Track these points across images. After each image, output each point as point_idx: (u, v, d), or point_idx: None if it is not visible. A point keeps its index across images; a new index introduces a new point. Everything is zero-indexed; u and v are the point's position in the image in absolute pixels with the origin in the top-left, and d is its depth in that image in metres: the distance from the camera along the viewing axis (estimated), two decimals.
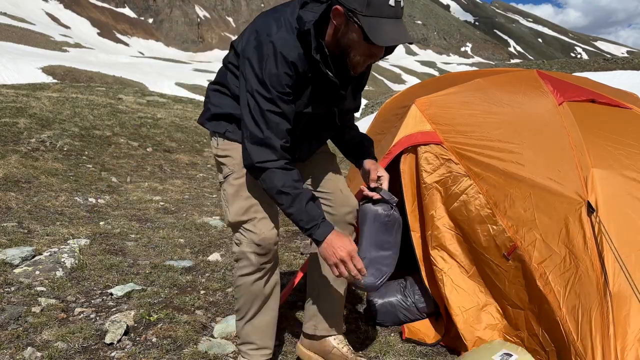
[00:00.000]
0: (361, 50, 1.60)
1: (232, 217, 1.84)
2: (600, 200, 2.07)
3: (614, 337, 1.87)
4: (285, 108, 1.68)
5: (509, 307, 2.31)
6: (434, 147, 2.57)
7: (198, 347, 2.34)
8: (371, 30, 1.51)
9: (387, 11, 1.51)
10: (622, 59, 54.10)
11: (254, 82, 1.65)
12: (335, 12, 1.57)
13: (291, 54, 1.63)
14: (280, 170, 1.68)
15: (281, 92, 1.65)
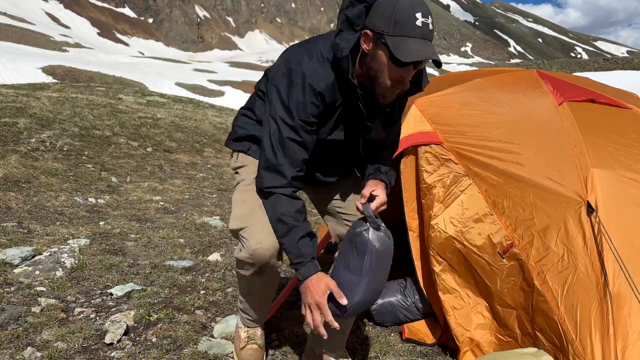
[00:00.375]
0: (389, 73, 1.59)
1: (231, 223, 1.83)
2: (600, 201, 2.07)
3: (614, 337, 1.87)
4: (305, 137, 1.69)
5: (498, 306, 2.31)
6: (434, 148, 2.57)
7: (198, 347, 2.34)
8: (396, 48, 1.51)
9: (413, 31, 1.51)
10: (622, 59, 54.09)
11: (279, 107, 1.67)
12: (365, 36, 1.59)
13: (320, 84, 1.65)
14: (286, 198, 1.69)
15: (305, 120, 1.66)
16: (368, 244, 1.67)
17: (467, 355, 2.34)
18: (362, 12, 1.60)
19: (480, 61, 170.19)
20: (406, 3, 1.53)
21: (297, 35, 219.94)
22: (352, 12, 1.60)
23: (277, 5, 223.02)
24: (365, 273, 1.67)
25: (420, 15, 1.51)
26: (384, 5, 1.55)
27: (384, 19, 1.53)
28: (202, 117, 11.75)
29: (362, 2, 1.60)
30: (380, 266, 1.71)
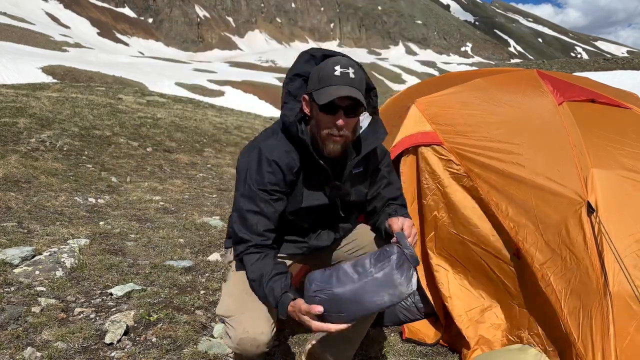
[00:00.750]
0: (321, 122, 1.71)
1: (218, 308, 1.82)
2: (600, 201, 2.07)
3: (614, 337, 1.87)
4: (265, 208, 1.76)
5: (516, 306, 2.31)
6: (434, 148, 2.57)
7: (198, 347, 2.34)
8: (319, 95, 1.66)
9: (335, 80, 1.65)
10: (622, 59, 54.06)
11: (241, 184, 1.80)
12: (304, 101, 1.76)
13: (273, 153, 1.76)
14: (253, 254, 1.75)
15: (264, 190, 1.76)
16: (391, 256, 1.59)
17: (476, 352, 2.35)
18: (301, 85, 1.81)
19: (480, 61, 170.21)
20: (329, 62, 1.70)
21: (297, 35, 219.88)
22: (292, 86, 1.81)
23: (277, 5, 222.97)
24: (368, 276, 1.56)
25: (339, 67, 1.67)
26: (315, 71, 1.73)
27: (313, 80, 1.72)
28: (202, 117, 11.75)
29: (301, 76, 1.80)
30: (385, 283, 1.57)
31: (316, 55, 1.81)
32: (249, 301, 1.75)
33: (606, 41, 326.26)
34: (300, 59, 1.82)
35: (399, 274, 1.57)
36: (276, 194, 1.77)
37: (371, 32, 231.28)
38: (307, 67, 1.79)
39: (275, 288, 1.67)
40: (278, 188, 1.77)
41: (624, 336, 1.90)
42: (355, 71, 1.68)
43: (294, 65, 1.83)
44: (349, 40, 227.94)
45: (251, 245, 1.75)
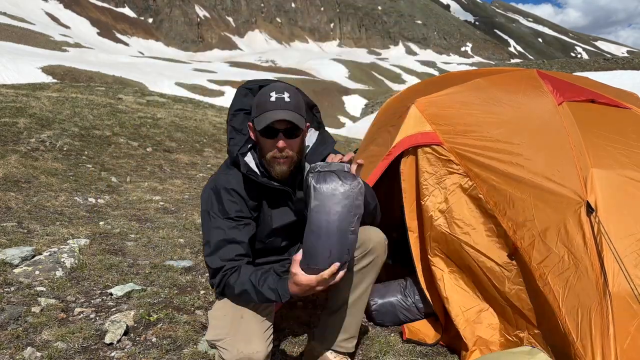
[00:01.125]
0: (265, 147, 1.80)
1: (209, 333, 1.82)
2: (600, 201, 2.07)
3: (614, 337, 1.87)
4: (234, 235, 1.81)
5: (507, 307, 2.31)
6: (434, 148, 2.57)
7: (198, 347, 2.34)
8: (257, 122, 1.76)
9: (270, 106, 1.74)
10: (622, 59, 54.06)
11: (207, 220, 1.85)
12: (250, 129, 1.87)
13: (230, 183, 1.85)
14: (232, 276, 1.79)
15: (231, 217, 1.82)
16: (311, 185, 1.65)
17: (475, 353, 2.35)
18: (244, 119, 1.92)
19: (480, 61, 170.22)
20: (266, 90, 1.79)
21: (297, 35, 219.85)
22: (235, 121, 1.91)
23: (277, 5, 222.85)
24: (312, 216, 1.64)
25: (274, 93, 1.76)
26: (254, 100, 1.83)
27: (254, 107, 1.81)
28: (202, 117, 11.75)
29: (243, 110, 1.92)
30: (328, 209, 1.62)
31: (252, 88, 1.93)
32: (238, 323, 1.77)
33: (606, 41, 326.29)
34: (239, 95, 1.94)
35: (326, 186, 1.62)
36: (242, 219, 1.84)
37: (371, 32, 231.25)
38: (247, 100, 1.91)
39: (270, 282, 1.73)
40: (243, 214, 1.85)
41: (624, 336, 1.90)
42: (290, 95, 1.77)
43: (234, 101, 1.95)
44: (349, 40, 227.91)
45: (226, 269, 1.80)
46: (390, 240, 2.22)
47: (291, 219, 1.96)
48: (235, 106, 1.94)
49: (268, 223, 1.92)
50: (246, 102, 1.92)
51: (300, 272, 1.65)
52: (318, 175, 1.65)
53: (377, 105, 39.99)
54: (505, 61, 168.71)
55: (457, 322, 2.42)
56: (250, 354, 1.70)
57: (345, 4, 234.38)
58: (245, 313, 1.81)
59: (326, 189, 1.63)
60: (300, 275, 1.65)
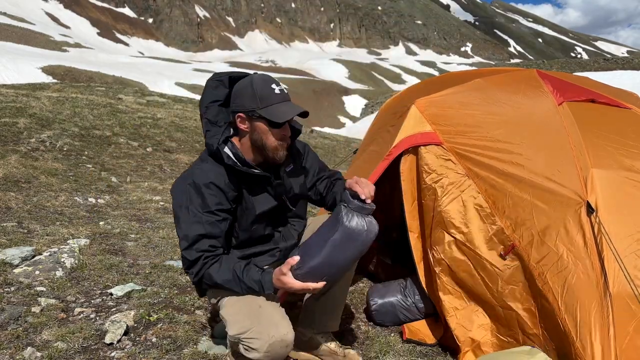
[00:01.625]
0: (272, 135, 1.89)
1: (231, 329, 1.84)
2: (600, 201, 2.07)
3: (614, 337, 1.87)
4: (211, 229, 1.85)
5: (499, 307, 2.31)
6: (434, 148, 2.57)
7: (198, 347, 2.34)
8: (271, 115, 1.84)
9: (276, 98, 1.86)
10: (622, 59, 54.07)
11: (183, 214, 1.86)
12: (239, 119, 1.89)
13: (209, 177, 1.87)
14: (212, 266, 1.84)
15: (208, 212, 1.85)
16: (340, 220, 1.76)
17: (467, 355, 2.35)
18: (219, 111, 1.95)
19: (480, 61, 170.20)
20: (259, 81, 1.88)
21: (297, 35, 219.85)
22: (210, 113, 1.95)
23: (277, 5, 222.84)
24: (328, 244, 1.74)
25: (274, 85, 1.88)
26: (243, 90, 1.88)
27: (249, 98, 1.86)
28: None
29: (216, 101, 1.95)
30: (345, 245, 1.76)
31: (222, 79, 1.97)
32: (258, 312, 1.81)
33: (606, 41, 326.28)
34: (210, 87, 1.97)
35: (354, 226, 1.74)
36: (221, 213, 1.88)
37: (371, 32, 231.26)
38: (218, 92, 1.96)
39: (253, 274, 1.80)
40: (222, 207, 1.88)
41: (623, 336, 1.90)
42: (283, 86, 1.91)
43: (206, 94, 1.98)
44: (348, 40, 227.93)
45: (204, 258, 1.84)
46: (390, 240, 2.23)
47: (272, 204, 2.00)
48: (207, 99, 1.97)
49: (251, 210, 1.96)
50: (218, 93, 1.96)
51: (289, 275, 1.74)
52: (350, 214, 1.77)
53: (377, 105, 40.00)
54: (505, 61, 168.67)
55: (451, 322, 2.42)
56: (282, 335, 1.76)
57: (345, 4, 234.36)
58: (262, 302, 1.84)
59: (352, 230, 1.75)
60: (288, 278, 1.74)
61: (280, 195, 2.03)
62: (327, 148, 12.00)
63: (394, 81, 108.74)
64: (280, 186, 2.03)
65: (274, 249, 2.08)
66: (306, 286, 1.74)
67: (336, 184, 2.19)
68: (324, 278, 1.77)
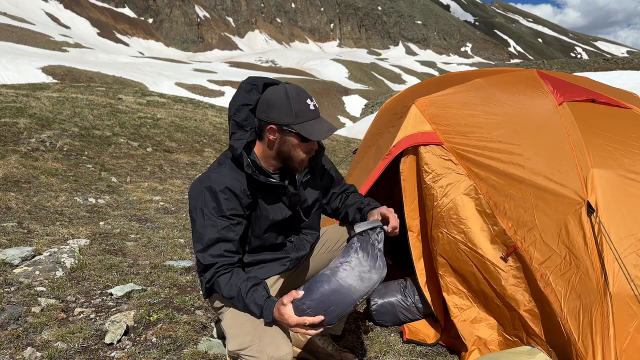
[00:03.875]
0: (301, 149, 1.89)
1: (230, 344, 1.81)
2: (600, 201, 2.07)
3: (614, 337, 1.87)
4: (226, 233, 1.84)
5: (503, 307, 2.31)
6: (434, 148, 2.57)
7: (198, 347, 2.34)
8: (306, 132, 1.83)
9: (311, 115, 1.86)
10: (622, 59, 54.05)
11: (199, 218, 1.86)
12: (270, 130, 1.87)
13: (226, 181, 1.87)
14: (223, 276, 1.82)
15: (225, 216, 1.85)
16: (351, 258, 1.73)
17: (474, 353, 2.35)
18: (248, 115, 1.92)
19: (480, 61, 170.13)
20: (294, 95, 1.85)
21: (297, 36, 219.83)
22: (239, 116, 1.92)
23: (277, 5, 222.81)
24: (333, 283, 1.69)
25: (309, 101, 1.87)
26: (278, 102, 1.85)
27: (285, 113, 1.84)
28: (202, 117, 11.75)
29: (247, 105, 1.92)
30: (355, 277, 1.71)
31: (257, 84, 1.95)
32: (259, 328, 1.77)
33: (606, 41, 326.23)
34: (243, 90, 1.95)
35: (365, 268, 1.72)
36: (235, 218, 1.87)
37: (371, 32, 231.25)
38: (252, 96, 1.93)
39: (257, 297, 1.75)
40: (236, 212, 1.87)
41: (624, 336, 1.90)
42: (315, 101, 1.91)
43: (238, 96, 1.95)
44: (348, 40, 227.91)
45: (218, 267, 1.82)
46: (390, 240, 2.22)
47: (286, 214, 2.00)
48: (239, 101, 1.94)
49: (265, 218, 1.95)
50: (251, 98, 1.93)
51: (289, 307, 1.68)
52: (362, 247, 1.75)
53: (377, 105, 40.01)
54: (505, 61, 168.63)
55: (456, 322, 2.42)
56: (281, 357, 1.72)
57: (345, 4, 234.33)
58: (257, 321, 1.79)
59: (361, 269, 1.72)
60: (287, 309, 1.68)
61: (294, 205, 2.03)
62: (327, 148, 11.98)
63: (394, 81, 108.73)
64: (295, 196, 2.01)
65: (284, 258, 2.05)
66: (302, 320, 1.66)
67: (349, 197, 2.19)
68: (325, 317, 1.68)
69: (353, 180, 3.32)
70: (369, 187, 2.70)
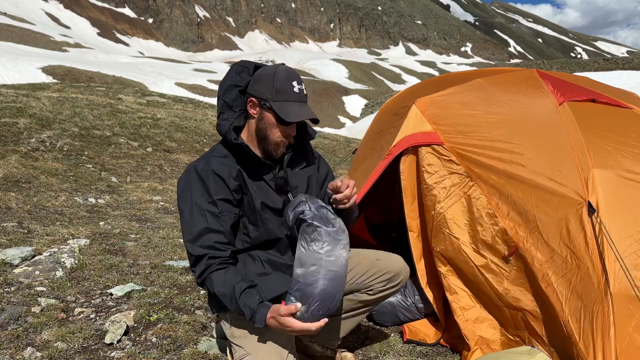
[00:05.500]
0: (277, 130, 1.86)
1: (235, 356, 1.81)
2: (601, 201, 2.07)
3: (614, 338, 1.87)
4: (216, 222, 1.79)
5: (504, 307, 2.31)
6: (435, 148, 2.56)
7: (198, 347, 2.34)
8: (282, 111, 1.81)
9: (292, 96, 1.83)
10: (622, 59, 54.06)
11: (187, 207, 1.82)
12: (250, 103, 1.87)
13: (212, 165, 1.84)
14: (217, 272, 1.76)
15: (211, 202, 1.80)
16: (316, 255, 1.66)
17: (476, 353, 2.35)
18: (237, 96, 1.92)
19: (480, 61, 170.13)
20: (282, 74, 1.85)
21: (297, 36, 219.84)
22: (229, 97, 1.92)
23: (277, 5, 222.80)
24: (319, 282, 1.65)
25: (295, 83, 1.85)
26: (264, 77, 1.86)
27: (267, 87, 1.83)
28: (202, 117, 11.75)
29: (237, 86, 1.91)
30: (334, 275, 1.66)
31: (248, 66, 1.93)
32: (265, 338, 1.77)
33: (606, 41, 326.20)
34: (234, 71, 1.93)
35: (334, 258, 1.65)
36: (225, 205, 1.83)
37: (371, 32, 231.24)
38: (242, 77, 1.91)
39: (250, 301, 1.71)
40: (225, 197, 1.83)
41: (624, 336, 1.90)
42: (303, 86, 1.87)
43: (228, 76, 1.94)
44: (348, 40, 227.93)
45: (209, 258, 1.77)
46: (389, 239, 2.22)
47: (277, 201, 1.92)
48: (229, 81, 1.93)
49: (257, 201, 1.89)
50: (240, 79, 1.91)
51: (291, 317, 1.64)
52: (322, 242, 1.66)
53: (377, 105, 40.01)
54: (505, 61, 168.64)
55: (459, 321, 2.42)
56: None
57: (345, 4, 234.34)
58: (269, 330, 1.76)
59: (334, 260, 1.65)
60: (289, 320, 1.63)
61: (282, 189, 1.95)
62: (327, 148, 12.00)
63: (394, 81, 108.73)
64: (281, 179, 1.95)
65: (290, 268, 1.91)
66: (307, 327, 1.64)
67: None
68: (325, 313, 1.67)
69: (353, 175, 3.32)
70: (369, 187, 2.69)
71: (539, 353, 2.09)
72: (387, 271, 2.07)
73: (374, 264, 2.10)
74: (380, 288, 2.09)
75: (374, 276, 2.08)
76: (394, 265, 2.10)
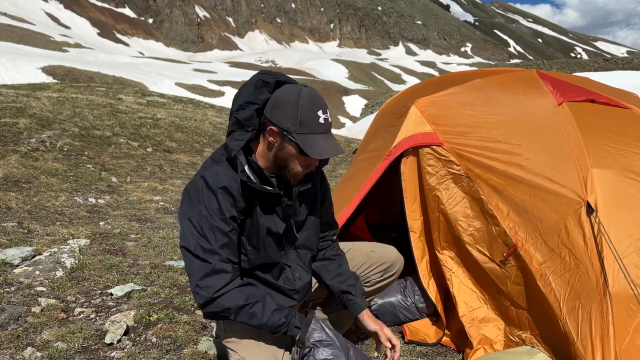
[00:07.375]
0: (299, 162, 1.72)
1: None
2: (600, 201, 2.07)
3: (613, 337, 1.87)
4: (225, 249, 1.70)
5: (511, 307, 2.32)
6: (434, 149, 2.57)
7: (198, 347, 2.34)
8: (306, 146, 1.65)
9: (317, 128, 1.66)
10: (622, 59, 54.04)
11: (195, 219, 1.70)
12: (270, 131, 1.69)
13: (223, 180, 1.71)
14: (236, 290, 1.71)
15: (222, 219, 1.70)
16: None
17: (478, 352, 2.35)
18: (252, 114, 1.71)
19: (480, 61, 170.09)
20: (307, 101, 1.65)
21: (297, 36, 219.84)
22: (242, 114, 1.71)
23: (277, 5, 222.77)
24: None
25: (321, 112, 1.66)
26: (286, 104, 1.65)
27: (289, 117, 1.65)
28: (202, 117, 11.75)
29: (252, 104, 1.70)
30: None
31: (269, 82, 1.72)
32: (260, 341, 1.77)
33: (606, 41, 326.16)
34: (252, 86, 1.72)
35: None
36: (233, 222, 1.73)
37: (371, 32, 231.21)
38: (261, 95, 1.71)
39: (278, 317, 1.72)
40: (233, 214, 1.73)
41: (623, 336, 1.90)
42: (329, 114, 1.71)
43: (245, 92, 1.73)
44: (348, 40, 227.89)
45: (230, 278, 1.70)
46: (389, 239, 2.22)
47: (281, 227, 1.84)
48: (245, 97, 1.72)
49: (262, 226, 1.80)
50: (259, 96, 1.71)
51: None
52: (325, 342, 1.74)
53: (377, 105, 40.01)
54: (505, 61, 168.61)
55: (464, 321, 2.43)
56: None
57: (345, 4, 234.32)
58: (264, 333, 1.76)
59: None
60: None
61: (288, 217, 1.86)
62: None
63: (394, 81, 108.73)
64: (290, 208, 1.85)
65: (292, 291, 1.89)
66: None
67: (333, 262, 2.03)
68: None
69: (353, 181, 3.33)
70: (369, 187, 2.70)
71: (539, 353, 2.09)
72: (382, 262, 2.10)
73: (369, 256, 2.12)
74: (377, 279, 2.11)
75: (370, 268, 2.10)
76: (389, 255, 2.13)
